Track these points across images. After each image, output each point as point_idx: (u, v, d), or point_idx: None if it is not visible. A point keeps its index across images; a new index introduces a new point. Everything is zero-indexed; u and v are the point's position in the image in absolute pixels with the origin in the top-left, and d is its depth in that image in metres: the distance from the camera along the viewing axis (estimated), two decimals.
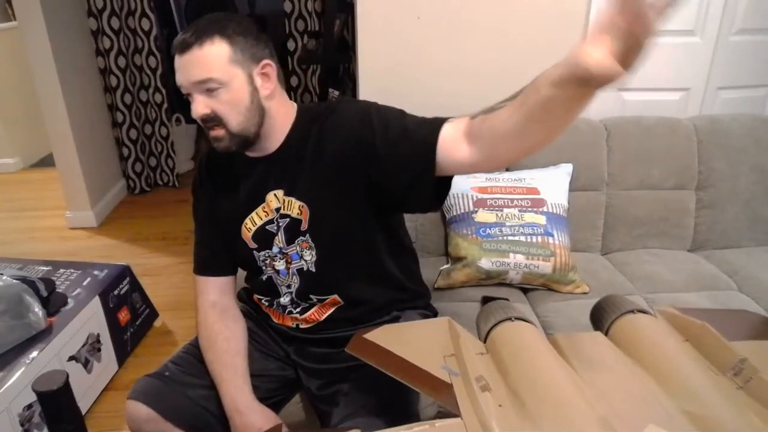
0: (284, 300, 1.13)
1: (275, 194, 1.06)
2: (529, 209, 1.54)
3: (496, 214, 1.53)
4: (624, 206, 1.71)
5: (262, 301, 1.18)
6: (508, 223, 1.52)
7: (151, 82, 3.15)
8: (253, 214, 1.09)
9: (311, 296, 1.11)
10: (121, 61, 3.06)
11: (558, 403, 0.68)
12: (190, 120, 3.70)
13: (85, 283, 1.79)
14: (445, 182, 0.98)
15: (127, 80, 3.11)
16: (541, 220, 1.53)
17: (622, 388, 0.73)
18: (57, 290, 1.73)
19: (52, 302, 1.65)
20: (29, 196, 3.44)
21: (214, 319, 1.14)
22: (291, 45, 3.24)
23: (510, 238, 1.50)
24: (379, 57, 1.84)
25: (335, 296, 1.10)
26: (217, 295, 1.17)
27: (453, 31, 1.82)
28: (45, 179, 3.60)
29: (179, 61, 0.96)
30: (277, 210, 1.07)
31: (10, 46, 3.65)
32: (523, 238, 1.50)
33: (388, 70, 1.85)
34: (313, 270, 1.08)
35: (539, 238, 1.50)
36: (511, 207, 1.54)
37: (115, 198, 3.22)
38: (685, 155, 1.70)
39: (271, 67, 1.01)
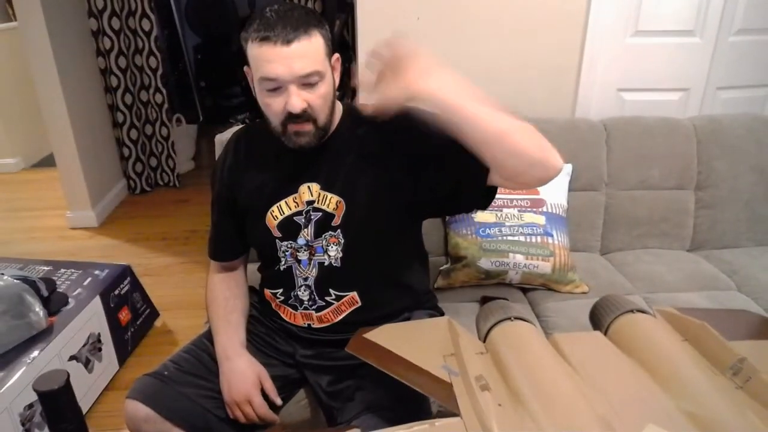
0: (302, 293, 1.13)
1: (309, 187, 1.07)
2: (529, 209, 1.54)
3: (496, 214, 1.53)
4: (623, 206, 1.71)
5: (277, 295, 1.17)
6: (507, 223, 1.52)
7: (151, 82, 3.15)
8: (282, 203, 1.09)
9: (331, 291, 1.11)
10: (122, 62, 3.06)
11: (557, 402, 0.68)
12: (190, 120, 3.71)
13: (85, 283, 1.80)
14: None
15: (127, 80, 3.11)
16: (541, 220, 1.53)
17: (622, 387, 0.73)
18: (58, 290, 1.73)
19: (53, 302, 1.65)
20: (30, 196, 3.45)
21: (218, 280, 1.23)
22: None
23: (509, 238, 1.50)
24: None
25: (354, 293, 1.11)
26: (227, 270, 1.25)
27: (453, 32, 1.82)
28: (46, 179, 3.61)
29: (281, 53, 0.92)
30: (310, 203, 1.07)
31: (11, 46, 3.65)
32: (522, 238, 1.50)
33: None
34: (338, 265, 1.08)
35: (538, 238, 1.50)
36: (510, 207, 1.55)
37: (116, 198, 3.22)
38: (684, 155, 1.71)
39: (339, 61, 1.03)
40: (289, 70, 0.93)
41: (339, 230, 1.06)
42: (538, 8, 1.79)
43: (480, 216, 1.54)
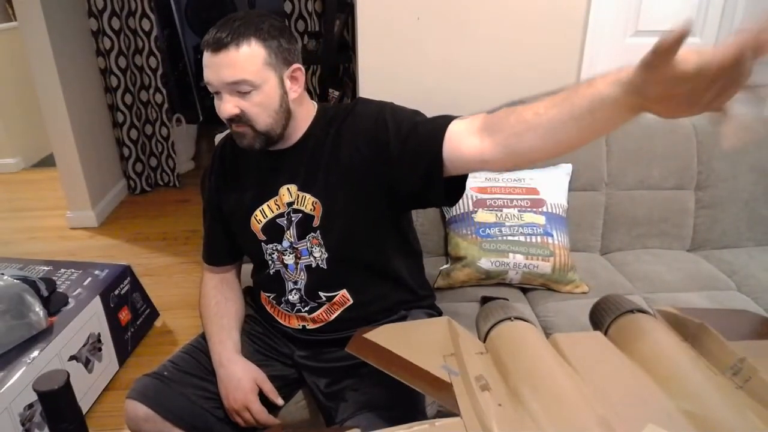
0: (293, 297, 1.13)
1: (288, 188, 1.08)
2: (529, 209, 1.54)
3: (496, 214, 1.53)
4: (623, 206, 1.71)
5: (270, 299, 1.19)
6: (507, 223, 1.52)
7: (151, 82, 3.16)
8: (264, 206, 1.10)
9: (320, 293, 1.12)
10: (122, 62, 3.06)
11: (557, 402, 0.68)
12: (190, 120, 3.71)
13: (85, 283, 1.80)
14: (460, 180, 0.98)
15: (127, 80, 3.12)
16: (541, 220, 1.53)
17: (622, 387, 0.73)
18: (58, 290, 1.74)
19: (53, 302, 1.66)
20: (30, 196, 3.45)
21: (211, 286, 1.23)
22: None
23: (509, 238, 1.50)
24: (379, 57, 1.84)
25: (344, 291, 1.11)
26: (220, 273, 1.25)
27: (452, 32, 1.82)
28: (46, 179, 3.61)
29: (211, 59, 0.95)
30: (290, 204, 1.08)
31: (11, 46, 3.66)
32: (522, 238, 1.50)
33: (387, 71, 1.86)
34: (324, 267, 1.09)
35: (538, 238, 1.50)
36: (510, 207, 1.55)
37: (116, 198, 3.22)
38: (684, 155, 1.71)
39: (300, 71, 1.02)
40: (217, 76, 0.96)
41: (319, 231, 1.07)
42: (537, 8, 1.79)
43: (480, 216, 1.54)
